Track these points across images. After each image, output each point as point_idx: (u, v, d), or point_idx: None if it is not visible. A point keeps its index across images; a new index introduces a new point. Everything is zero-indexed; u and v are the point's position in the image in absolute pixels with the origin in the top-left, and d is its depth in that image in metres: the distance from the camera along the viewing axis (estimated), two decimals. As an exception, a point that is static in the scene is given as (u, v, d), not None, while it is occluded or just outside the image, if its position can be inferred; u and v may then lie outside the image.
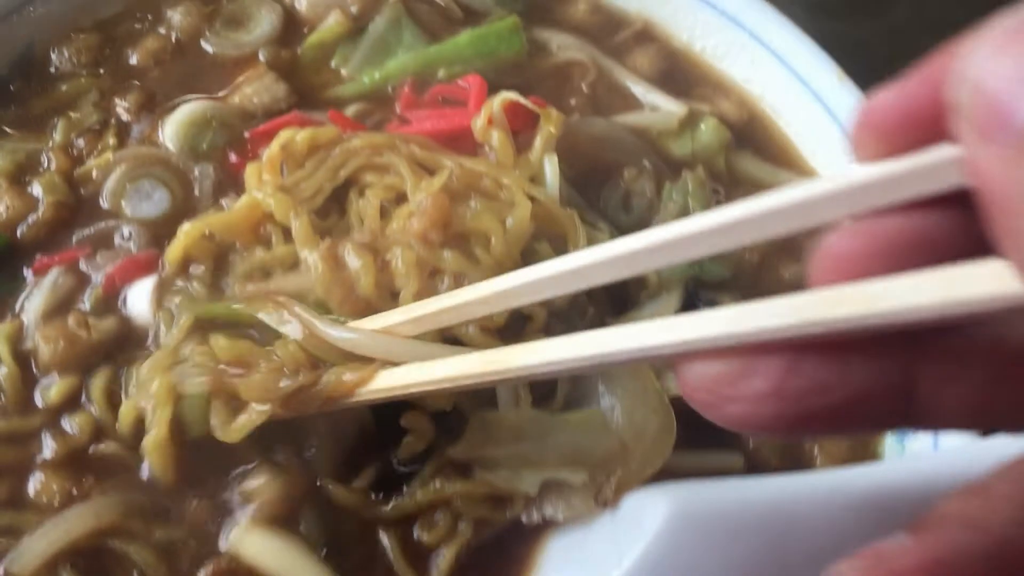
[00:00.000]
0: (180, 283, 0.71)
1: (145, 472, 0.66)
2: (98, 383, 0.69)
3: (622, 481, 0.63)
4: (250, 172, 0.74)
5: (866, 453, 0.74)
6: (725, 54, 0.95)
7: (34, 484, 0.66)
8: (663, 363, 0.65)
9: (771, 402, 0.36)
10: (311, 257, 0.68)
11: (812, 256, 0.38)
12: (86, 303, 0.72)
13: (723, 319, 0.38)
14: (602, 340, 0.44)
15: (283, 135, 0.75)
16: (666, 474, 0.64)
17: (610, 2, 0.99)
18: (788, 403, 0.36)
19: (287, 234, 0.70)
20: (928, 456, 0.66)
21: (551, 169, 0.76)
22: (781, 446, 0.73)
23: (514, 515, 0.65)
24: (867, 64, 1.01)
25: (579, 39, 0.96)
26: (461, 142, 0.80)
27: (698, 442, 0.69)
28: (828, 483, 0.60)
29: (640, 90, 0.93)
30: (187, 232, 0.70)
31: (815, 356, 0.36)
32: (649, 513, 0.59)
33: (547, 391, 0.69)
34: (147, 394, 0.62)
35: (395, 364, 0.59)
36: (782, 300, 0.36)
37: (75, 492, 0.66)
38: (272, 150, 0.74)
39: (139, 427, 0.65)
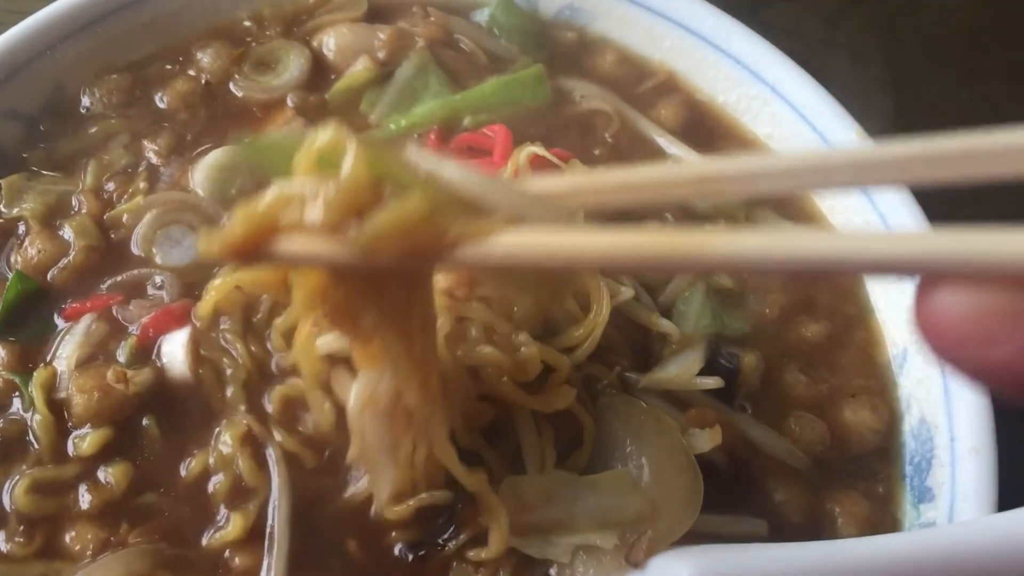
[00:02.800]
0: (212, 335, 0.71)
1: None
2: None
3: (653, 541, 0.63)
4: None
5: (885, 514, 0.75)
6: (747, 108, 0.96)
7: (69, 534, 0.66)
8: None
9: None
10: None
11: None
12: (121, 354, 0.71)
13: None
14: (836, 242, 0.35)
15: (314, 186, 0.76)
16: (689, 537, 0.65)
17: (635, 53, 1.01)
18: None
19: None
20: (945, 529, 0.67)
21: (577, 225, 0.77)
22: (803, 504, 0.74)
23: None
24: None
25: (603, 89, 0.97)
26: (487, 193, 0.80)
27: (720, 503, 0.69)
28: (849, 552, 0.61)
29: (664, 141, 0.94)
30: (217, 288, 0.69)
31: None
32: (672, 578, 0.59)
33: (570, 447, 0.70)
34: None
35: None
36: None
37: (112, 540, 0.66)
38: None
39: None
